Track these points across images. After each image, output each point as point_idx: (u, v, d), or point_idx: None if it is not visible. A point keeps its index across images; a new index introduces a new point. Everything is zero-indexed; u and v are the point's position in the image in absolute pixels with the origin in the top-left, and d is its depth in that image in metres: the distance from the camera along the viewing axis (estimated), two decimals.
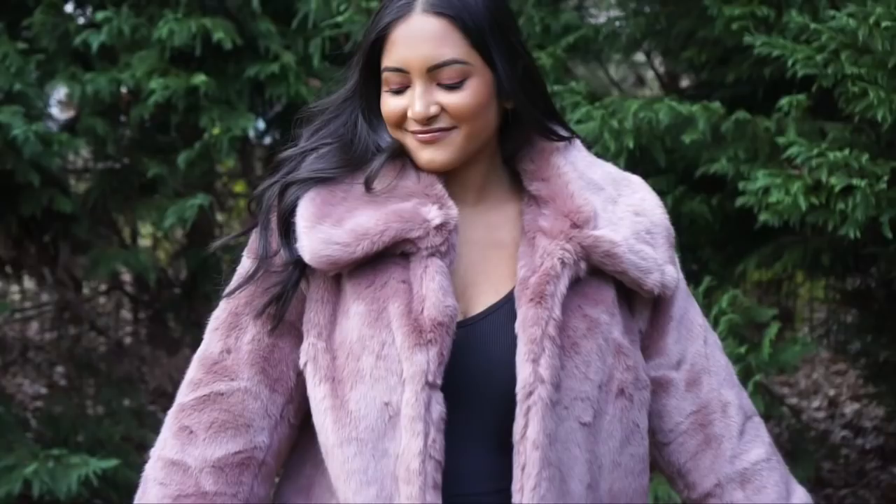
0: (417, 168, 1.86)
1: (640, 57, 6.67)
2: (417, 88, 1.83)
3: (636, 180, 1.98)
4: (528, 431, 1.75)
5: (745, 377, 4.02)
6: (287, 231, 1.84)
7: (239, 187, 6.41)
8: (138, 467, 1.98)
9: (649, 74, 6.57)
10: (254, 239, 1.89)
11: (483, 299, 1.86)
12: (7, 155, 4.11)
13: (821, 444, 5.62)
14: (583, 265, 1.84)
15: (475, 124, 1.84)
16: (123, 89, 4.46)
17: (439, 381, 1.75)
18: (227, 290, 1.89)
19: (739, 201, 3.87)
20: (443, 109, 1.83)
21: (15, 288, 6.50)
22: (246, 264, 1.89)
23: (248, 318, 1.87)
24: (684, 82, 5.34)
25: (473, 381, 1.81)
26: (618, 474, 1.87)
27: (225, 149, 4.24)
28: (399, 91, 1.85)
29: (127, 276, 5.85)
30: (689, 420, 1.96)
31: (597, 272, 1.86)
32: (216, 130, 4.25)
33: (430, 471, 1.74)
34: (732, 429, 1.96)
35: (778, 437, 5.61)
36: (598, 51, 4.60)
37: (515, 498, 1.76)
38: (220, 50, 4.29)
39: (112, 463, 4.36)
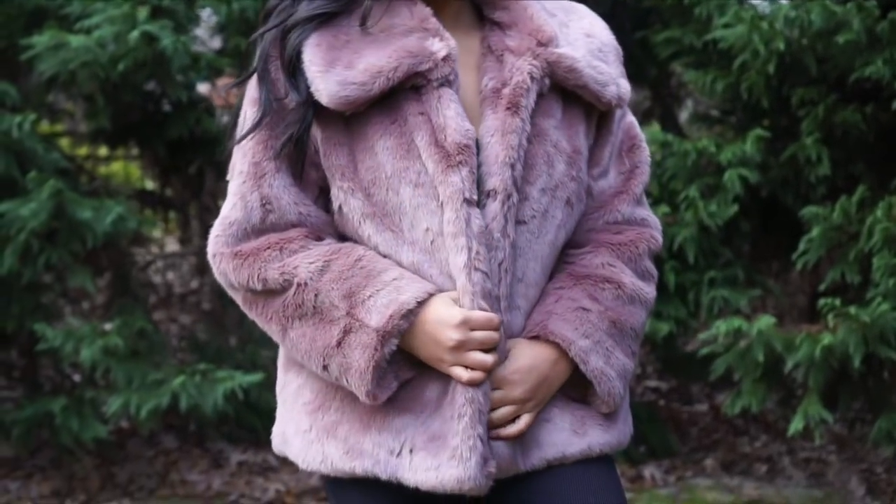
0: (405, 3, 1.93)
1: None
2: None
3: (582, 8, 2.08)
4: (508, 228, 1.89)
5: None
6: (294, 74, 1.91)
7: None
8: None
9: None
10: (253, 88, 1.95)
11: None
12: (157, 70, 4.18)
13: None
14: (546, 81, 1.93)
15: None
16: None
17: (475, 197, 1.86)
18: (238, 136, 1.94)
19: None
20: None
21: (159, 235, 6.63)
22: (249, 115, 1.94)
23: (270, 163, 1.93)
24: None
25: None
26: (540, 265, 1.97)
27: None
28: None
29: None
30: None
31: (551, 90, 1.95)
32: None
33: (479, 280, 1.85)
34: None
35: None
36: None
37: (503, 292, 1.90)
38: None
39: (258, 377, 4.40)
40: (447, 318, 1.85)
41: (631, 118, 2.11)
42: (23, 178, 4.32)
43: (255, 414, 4.81)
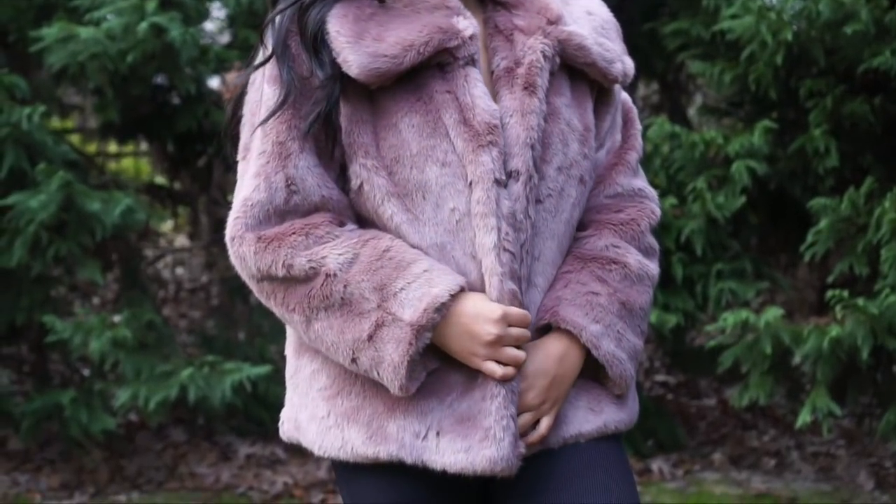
0: None
1: None
2: None
3: None
4: (530, 209, 1.89)
5: None
6: (317, 50, 1.87)
7: None
8: None
9: None
10: (271, 66, 1.89)
11: None
12: (165, 62, 4.19)
13: None
14: (557, 60, 1.94)
15: None
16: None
17: (504, 178, 1.86)
18: (263, 118, 1.87)
19: None
20: None
21: (170, 229, 6.65)
22: (269, 93, 1.89)
23: (295, 143, 1.88)
24: None
25: None
26: (556, 243, 1.98)
27: None
28: None
29: None
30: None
31: (559, 68, 1.96)
32: None
33: (507, 261, 1.86)
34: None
35: None
36: None
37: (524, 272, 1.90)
38: None
39: (266, 369, 4.41)
40: (487, 312, 1.84)
41: (624, 94, 2.12)
42: (32, 171, 4.33)
43: (264, 407, 4.82)
